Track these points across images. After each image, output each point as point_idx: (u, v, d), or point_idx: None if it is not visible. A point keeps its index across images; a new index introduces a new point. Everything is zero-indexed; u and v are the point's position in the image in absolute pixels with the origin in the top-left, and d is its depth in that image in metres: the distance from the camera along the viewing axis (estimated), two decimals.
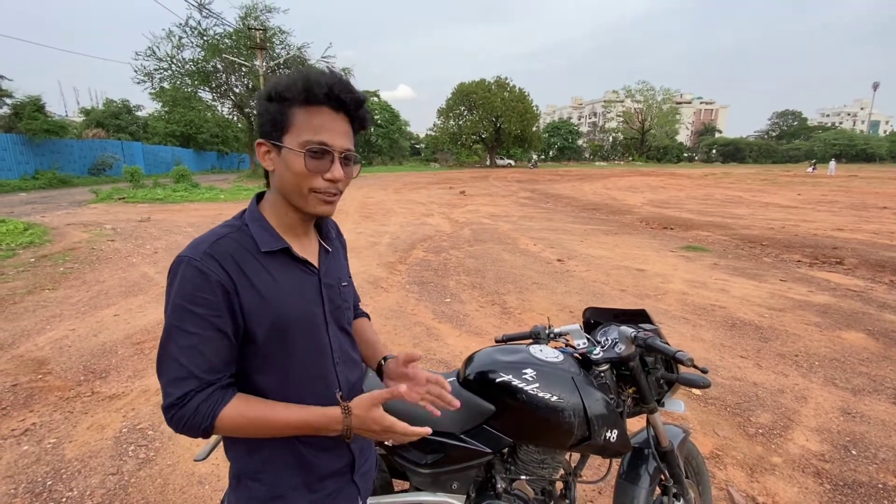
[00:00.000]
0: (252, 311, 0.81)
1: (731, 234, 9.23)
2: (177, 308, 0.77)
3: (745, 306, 4.83)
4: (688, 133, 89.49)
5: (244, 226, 0.86)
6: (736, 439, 2.58)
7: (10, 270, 5.97)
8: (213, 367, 0.78)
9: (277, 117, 0.81)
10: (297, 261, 0.88)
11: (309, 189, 0.83)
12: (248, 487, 0.89)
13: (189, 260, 0.78)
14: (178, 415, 0.77)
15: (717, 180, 26.07)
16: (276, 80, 0.82)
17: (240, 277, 0.80)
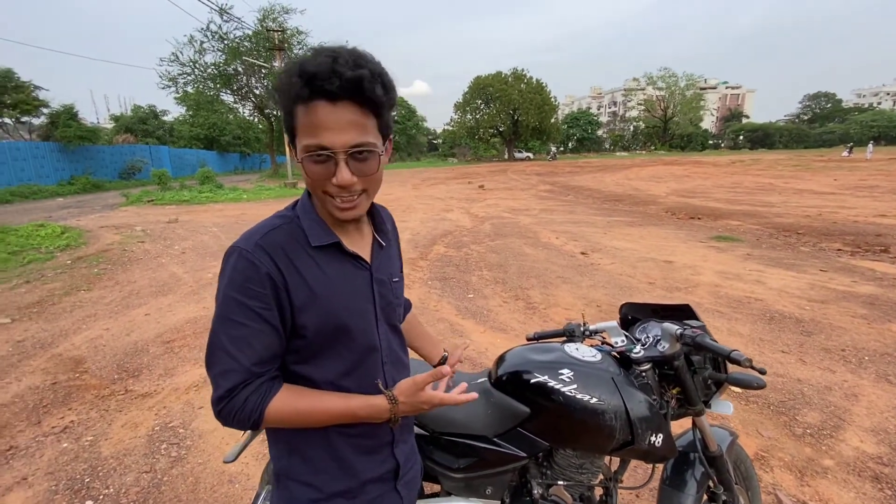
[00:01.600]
0: (302, 305, 0.78)
1: (763, 223, 8.87)
2: (227, 298, 0.76)
3: (783, 298, 4.61)
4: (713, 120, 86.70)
5: (296, 217, 0.83)
6: (782, 440, 2.45)
7: (49, 272, 6.19)
8: (262, 360, 0.77)
9: (288, 120, 0.76)
10: (348, 255, 0.85)
11: (323, 192, 0.78)
12: (289, 488, 0.88)
13: (241, 251, 0.76)
14: (227, 407, 0.76)
15: (745, 167, 25.16)
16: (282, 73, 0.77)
17: (290, 271, 0.78)
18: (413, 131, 57.74)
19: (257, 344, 0.76)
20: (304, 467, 0.87)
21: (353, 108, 0.71)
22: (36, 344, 3.88)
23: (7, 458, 2.43)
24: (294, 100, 0.72)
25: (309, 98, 0.70)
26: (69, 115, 20.92)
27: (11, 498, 2.14)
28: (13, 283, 5.69)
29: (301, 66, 0.69)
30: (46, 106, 20.75)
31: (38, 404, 2.95)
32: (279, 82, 0.74)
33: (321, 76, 0.68)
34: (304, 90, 0.69)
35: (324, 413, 0.80)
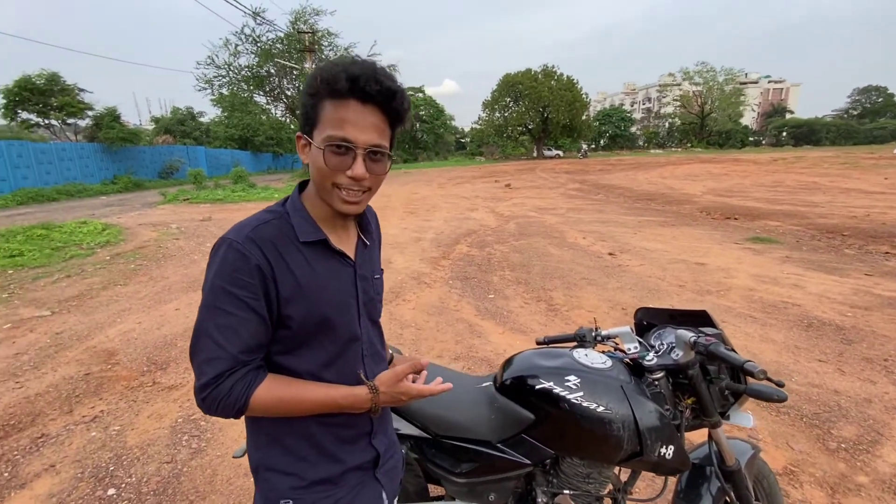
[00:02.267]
0: (288, 297, 0.81)
1: (805, 224, 8.42)
2: (216, 288, 0.78)
3: (823, 304, 4.35)
4: (754, 115, 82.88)
5: (286, 213, 0.87)
6: (814, 454, 2.30)
7: (89, 268, 6.52)
8: (248, 348, 0.79)
9: (310, 111, 0.80)
10: (334, 252, 0.89)
11: (332, 184, 0.82)
12: (269, 480, 0.89)
13: (231, 242, 0.79)
14: (212, 395, 0.77)
15: (787, 165, 23.96)
16: (312, 72, 0.81)
17: (278, 263, 0.81)
18: (441, 130, 57.73)
19: (244, 332, 0.78)
20: (285, 457, 0.89)
21: (379, 114, 0.80)
22: (73, 336, 4.09)
23: (38, 445, 2.56)
24: (329, 93, 0.77)
25: (345, 95, 0.76)
26: (112, 117, 21.99)
27: (39, 484, 2.25)
28: (55, 277, 6.02)
29: (346, 67, 0.77)
30: (91, 108, 21.88)
31: (70, 394, 3.10)
32: (320, 74, 0.78)
33: (364, 78, 0.76)
34: (345, 85, 0.75)
35: (307, 402, 0.83)
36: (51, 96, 20.64)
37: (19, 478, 2.30)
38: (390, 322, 4.21)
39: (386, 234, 9.27)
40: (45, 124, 22.11)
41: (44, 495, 2.17)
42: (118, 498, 2.15)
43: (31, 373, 3.41)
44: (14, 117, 20.82)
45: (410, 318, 4.30)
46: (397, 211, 12.10)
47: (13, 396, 3.07)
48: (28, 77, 20.08)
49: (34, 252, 7.19)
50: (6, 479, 2.29)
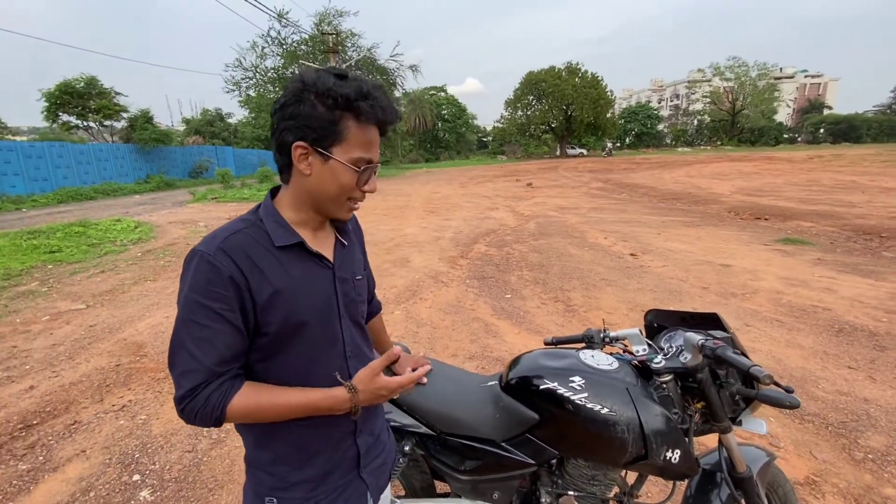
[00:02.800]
0: (265, 304, 0.82)
1: (840, 225, 8.07)
2: (190, 301, 0.78)
3: (856, 308, 4.17)
4: (789, 111, 79.70)
5: (259, 221, 0.87)
6: (839, 464, 2.21)
7: (122, 264, 6.81)
8: (223, 360, 0.79)
9: (329, 126, 0.80)
10: (312, 255, 0.89)
11: (347, 198, 0.87)
12: (255, 476, 0.93)
13: (203, 254, 0.79)
14: (189, 406, 0.78)
15: (824, 163, 22.98)
16: (320, 79, 0.80)
17: (252, 272, 0.81)
18: (463, 129, 57.67)
19: (219, 344, 0.79)
20: (269, 458, 0.90)
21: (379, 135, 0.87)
22: (105, 329, 4.28)
23: (71, 431, 2.70)
24: (356, 115, 0.81)
25: (369, 121, 0.82)
26: (145, 118, 22.84)
27: (70, 468, 2.37)
28: (90, 272, 6.31)
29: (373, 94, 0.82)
30: (126, 111, 22.78)
31: (101, 384, 3.25)
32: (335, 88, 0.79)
33: (390, 115, 0.85)
34: (373, 116, 0.82)
35: (284, 407, 0.83)
36: (89, 99, 21.57)
37: (53, 461, 2.43)
38: (406, 320, 4.24)
39: (405, 233, 9.31)
40: (83, 126, 23.14)
41: (74, 479, 2.29)
42: (142, 484, 2.25)
43: (66, 363, 3.59)
44: (55, 120, 21.86)
45: (427, 317, 4.32)
46: (417, 210, 12.17)
47: (49, 385, 3.24)
48: (68, 81, 21.04)
49: (72, 248, 7.56)
50: (41, 463, 2.43)
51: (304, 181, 0.85)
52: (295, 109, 0.80)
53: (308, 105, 0.80)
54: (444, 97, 56.03)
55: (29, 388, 3.21)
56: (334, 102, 0.79)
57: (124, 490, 2.21)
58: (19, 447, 2.56)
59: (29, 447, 2.56)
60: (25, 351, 3.82)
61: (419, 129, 48.16)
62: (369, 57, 26.82)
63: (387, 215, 11.26)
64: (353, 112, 0.80)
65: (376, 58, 27.10)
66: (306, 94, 0.80)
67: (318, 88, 0.79)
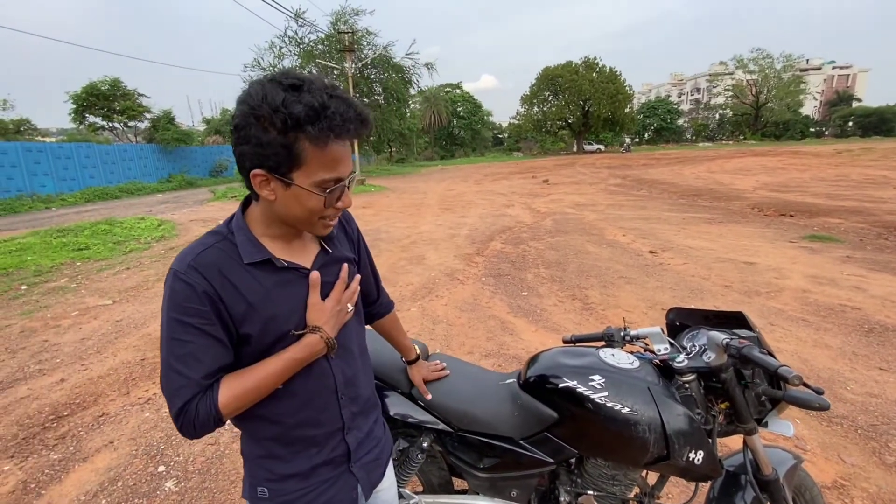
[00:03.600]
0: (241, 317, 0.82)
1: (871, 221, 7.79)
2: (170, 321, 0.79)
3: (887, 308, 4.02)
4: (815, 104, 77.17)
5: (230, 234, 0.86)
6: (868, 468, 2.14)
7: (146, 261, 6.99)
8: (210, 373, 0.80)
9: (282, 151, 0.74)
10: (283, 269, 0.87)
11: (319, 217, 0.84)
12: (251, 468, 0.95)
13: (175, 273, 0.79)
14: (186, 421, 0.79)
15: (853, 158, 22.20)
16: (267, 98, 0.71)
17: (225, 287, 0.81)
18: (478, 126, 57.51)
19: (205, 358, 0.79)
20: (260, 452, 0.93)
21: (349, 143, 0.80)
22: (131, 324, 4.41)
23: (99, 423, 2.78)
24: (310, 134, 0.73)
25: (328, 139, 0.74)
26: (167, 119, 23.42)
27: (99, 458, 2.45)
28: (116, 269, 6.49)
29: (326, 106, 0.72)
30: (149, 111, 23.38)
31: (128, 377, 3.34)
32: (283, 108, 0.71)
33: (351, 127, 0.76)
34: (330, 134, 0.74)
35: (271, 377, 0.83)
36: (114, 101, 22.21)
37: (82, 452, 2.52)
38: (422, 318, 4.26)
39: (420, 230, 9.33)
40: (109, 127, 23.82)
41: (103, 469, 2.37)
42: (167, 475, 2.31)
43: (95, 357, 3.71)
44: (82, 121, 22.55)
45: (443, 314, 4.33)
46: (433, 208, 12.18)
47: (79, 378, 3.35)
48: (94, 84, 21.69)
49: (99, 246, 7.79)
50: (71, 453, 2.51)
51: (270, 205, 0.82)
52: (247, 133, 0.74)
53: (258, 129, 0.73)
54: (460, 94, 55.91)
55: (59, 380, 3.32)
56: (283, 124, 0.71)
57: (150, 480, 2.27)
58: (51, 437, 2.66)
59: (60, 438, 2.66)
60: (56, 345, 3.96)
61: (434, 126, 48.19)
62: (385, 55, 26.89)
63: (402, 213, 11.30)
64: (310, 133, 0.72)
65: (392, 56, 27.15)
66: (253, 116, 0.73)
67: (264, 110, 0.71)
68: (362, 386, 1.03)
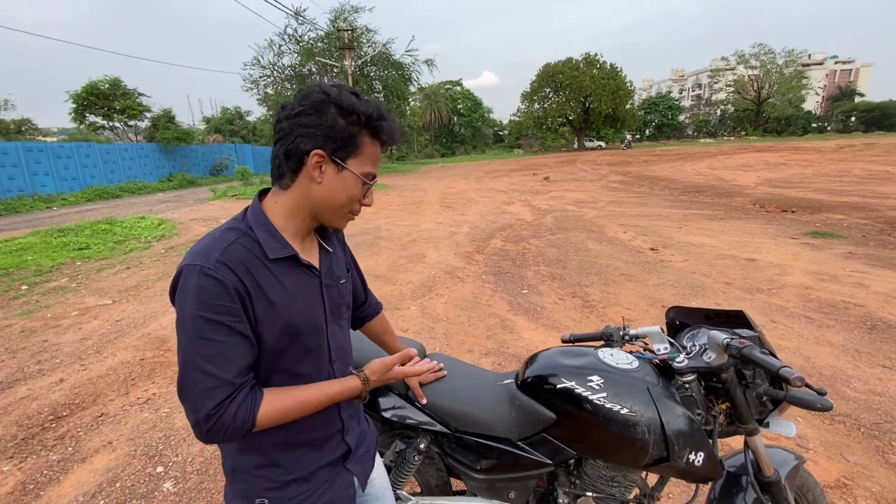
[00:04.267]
0: (263, 317, 0.82)
1: (873, 217, 7.75)
2: (196, 319, 0.76)
3: (890, 304, 4.00)
4: (818, 100, 76.79)
5: (248, 229, 0.85)
6: (872, 467, 2.12)
7: (146, 260, 6.99)
8: (241, 371, 0.80)
9: (349, 139, 0.83)
10: (303, 266, 0.90)
11: (349, 210, 0.90)
12: (244, 481, 0.91)
13: (202, 269, 0.77)
14: (217, 425, 0.76)
15: (856, 153, 22.09)
16: (344, 94, 0.83)
17: (252, 284, 0.81)
18: (479, 123, 57.37)
19: (235, 357, 0.78)
20: (258, 461, 0.90)
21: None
22: (130, 323, 4.40)
23: (98, 423, 2.78)
24: (371, 132, 0.86)
25: (380, 139, 0.88)
26: (167, 118, 23.41)
27: (98, 458, 2.45)
28: (116, 268, 6.49)
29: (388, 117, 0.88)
30: (149, 111, 23.38)
31: (127, 377, 3.34)
32: (360, 106, 0.84)
33: (397, 137, 0.91)
34: (386, 136, 0.88)
35: (308, 405, 0.88)
36: (114, 100, 22.21)
37: (81, 452, 2.51)
38: (422, 316, 4.24)
39: (421, 228, 9.31)
40: (109, 126, 23.82)
41: (101, 469, 2.36)
42: (165, 475, 2.30)
43: (94, 356, 3.70)
44: (83, 120, 22.55)
45: (442, 313, 4.31)
46: (433, 206, 12.16)
47: (78, 378, 3.35)
48: (94, 83, 21.67)
49: (99, 245, 7.79)
50: (70, 453, 2.51)
51: (310, 188, 0.85)
52: (315, 119, 0.82)
53: (330, 117, 0.82)
54: (460, 91, 55.76)
55: (59, 380, 3.32)
56: (357, 119, 0.83)
57: (148, 481, 2.26)
58: (50, 438, 2.65)
59: (59, 438, 2.65)
60: (56, 345, 3.96)
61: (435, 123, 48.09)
62: (385, 52, 26.82)
63: (402, 211, 11.28)
64: (371, 130, 0.85)
65: (392, 53, 27.08)
66: (329, 106, 0.82)
67: (341, 103, 0.82)
68: None
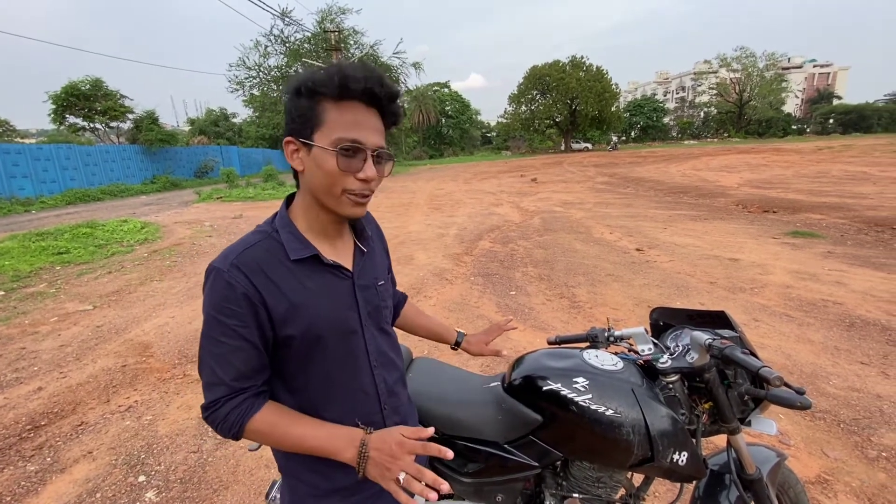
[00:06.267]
0: (283, 318, 0.81)
1: (851, 217, 7.94)
2: (208, 317, 0.79)
3: (868, 302, 4.10)
4: (797, 102, 78.58)
5: (274, 232, 0.85)
6: (851, 462, 2.17)
7: (128, 264, 6.85)
8: (242, 375, 0.80)
9: (307, 113, 0.78)
10: (328, 266, 0.87)
11: (342, 190, 0.80)
12: (291, 485, 0.93)
13: (217, 271, 0.79)
14: (210, 417, 0.80)
15: (834, 154, 22.63)
16: (305, 74, 0.78)
17: (268, 287, 0.80)
18: (467, 125, 57.52)
19: (236, 361, 0.79)
20: (302, 467, 0.90)
21: (378, 118, 0.81)
22: (112, 329, 4.31)
23: (78, 432, 2.71)
24: (334, 95, 0.76)
25: (346, 97, 0.76)
26: (151, 120, 23.00)
27: (77, 469, 2.39)
28: (97, 273, 6.35)
29: (345, 69, 0.76)
30: (132, 112, 22.94)
31: (108, 384, 3.26)
32: (313, 76, 0.76)
33: (370, 81, 0.76)
34: (347, 89, 0.75)
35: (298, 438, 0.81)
36: (95, 101, 21.74)
37: (60, 463, 2.45)
38: None
39: (409, 230, 9.29)
40: (90, 128, 23.32)
41: (81, 480, 2.30)
42: (148, 485, 2.25)
43: (74, 364, 3.62)
44: (62, 122, 22.04)
45: (431, 314, 4.30)
46: (421, 207, 12.14)
47: (57, 386, 3.26)
48: (74, 83, 21.20)
49: (79, 249, 7.62)
50: (48, 464, 2.44)
51: (304, 180, 0.84)
52: (286, 107, 0.81)
53: (293, 101, 0.79)
54: (448, 93, 55.85)
55: (37, 389, 3.23)
56: (312, 89, 0.77)
57: (130, 491, 2.21)
58: (27, 448, 2.58)
59: (37, 448, 2.58)
60: (34, 352, 3.85)
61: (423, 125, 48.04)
62: (372, 54, 26.75)
63: (390, 212, 11.25)
64: (331, 91, 0.76)
65: (379, 55, 27.02)
66: (293, 92, 0.79)
67: (300, 83, 0.78)
68: (402, 395, 1.02)
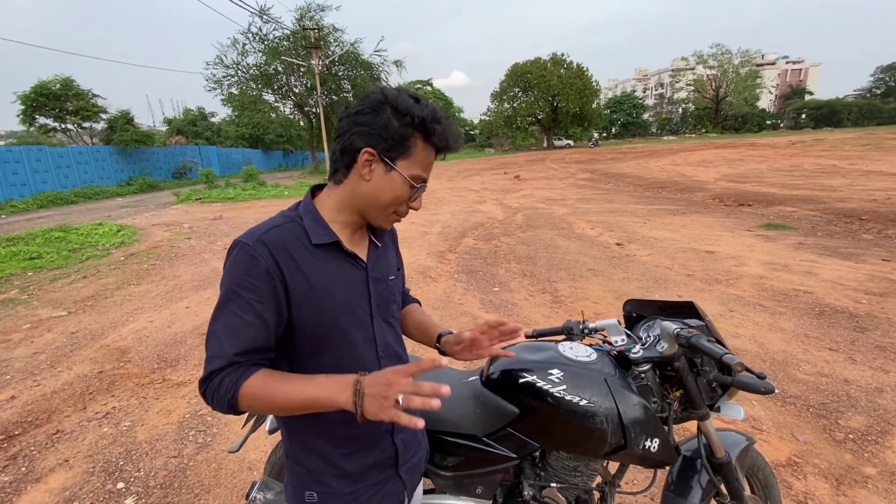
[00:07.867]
0: (300, 299, 0.84)
1: (821, 209, 8.21)
2: (227, 290, 0.82)
3: (836, 291, 4.25)
4: (771, 98, 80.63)
5: (298, 217, 0.89)
6: (820, 445, 2.26)
7: (104, 268, 6.68)
8: (244, 350, 0.81)
9: (400, 140, 0.84)
10: (346, 254, 0.91)
11: (393, 210, 0.90)
12: (295, 472, 0.95)
13: (242, 245, 0.82)
14: (208, 388, 0.80)
15: (806, 148, 23.30)
16: (405, 98, 0.85)
17: (289, 265, 0.83)
18: None
19: (244, 335, 0.80)
20: (308, 454, 0.93)
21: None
22: (87, 335, 4.20)
23: (53, 441, 2.65)
24: (425, 136, 0.85)
25: (434, 144, 0.87)
26: (126, 120, 22.38)
27: (53, 478, 2.33)
28: (72, 278, 6.18)
29: (444, 122, 0.87)
30: (105, 112, 22.29)
31: (84, 391, 3.19)
32: (418, 110, 0.84)
33: (454, 142, 0.89)
34: (440, 141, 0.87)
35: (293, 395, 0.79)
36: (66, 101, 21.07)
37: (35, 472, 2.39)
38: None
39: None
40: (62, 129, 22.61)
41: (57, 489, 2.25)
42: (127, 491, 2.21)
43: (48, 371, 3.52)
44: (32, 123, 21.33)
45: None
46: None
47: (31, 394, 3.18)
48: (44, 83, 20.51)
49: (52, 254, 7.40)
50: (23, 474, 2.38)
51: (360, 185, 0.87)
52: (370, 119, 0.84)
53: (384, 117, 0.84)
54: (431, 91, 55.75)
55: (10, 398, 3.14)
56: (410, 121, 0.83)
57: (108, 499, 2.17)
58: (1, 458, 2.51)
59: (11, 458, 2.51)
60: (5, 361, 3.74)
61: None
62: (353, 52, 26.51)
63: None
64: (424, 133, 0.85)
65: (360, 53, 26.79)
66: (385, 107, 0.84)
67: (397, 105, 0.83)
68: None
